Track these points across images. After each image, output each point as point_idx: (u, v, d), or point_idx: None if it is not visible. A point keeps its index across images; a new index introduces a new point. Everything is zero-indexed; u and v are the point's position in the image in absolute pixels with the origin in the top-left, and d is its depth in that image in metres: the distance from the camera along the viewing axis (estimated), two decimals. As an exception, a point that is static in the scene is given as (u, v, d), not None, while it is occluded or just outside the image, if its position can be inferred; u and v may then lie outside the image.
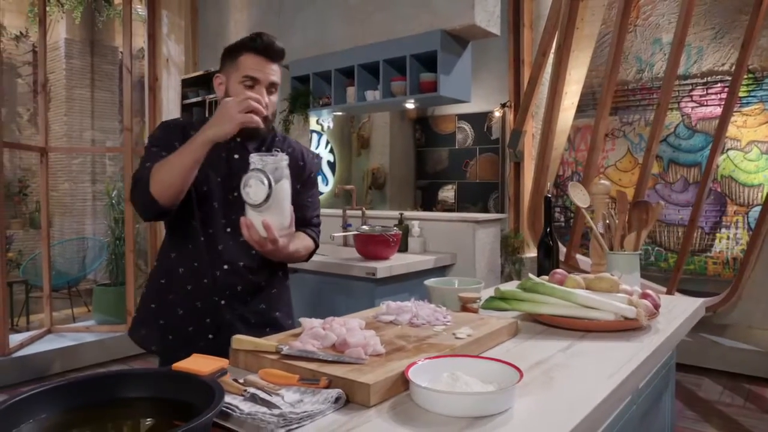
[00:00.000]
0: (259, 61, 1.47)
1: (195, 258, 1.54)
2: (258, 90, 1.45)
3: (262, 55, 1.47)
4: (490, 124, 5.38)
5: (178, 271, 1.55)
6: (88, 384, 0.83)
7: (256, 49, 1.47)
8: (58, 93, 5.54)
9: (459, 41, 2.98)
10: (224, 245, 1.53)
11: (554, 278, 1.53)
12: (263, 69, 1.46)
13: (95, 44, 5.52)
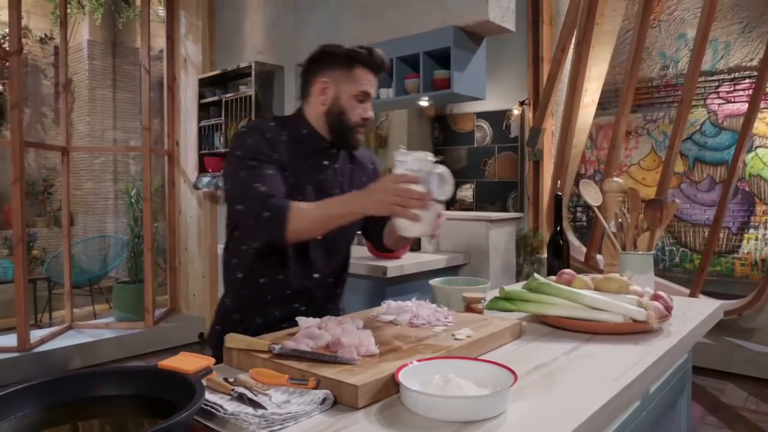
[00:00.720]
0: (372, 77, 1.50)
1: (281, 268, 1.51)
2: (367, 104, 1.49)
3: (375, 71, 1.50)
4: (508, 123, 5.31)
5: (259, 281, 1.52)
6: (68, 382, 0.82)
7: (372, 65, 1.48)
8: (81, 93, 5.63)
9: (473, 37, 2.93)
10: (315, 254, 1.54)
11: (562, 278, 1.48)
12: (374, 84, 1.51)
13: (117, 45, 5.60)
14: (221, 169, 4.07)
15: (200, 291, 4.65)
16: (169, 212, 4.82)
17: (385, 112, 5.87)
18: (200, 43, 4.40)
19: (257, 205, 1.35)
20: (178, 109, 4.65)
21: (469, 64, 2.91)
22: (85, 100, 5.60)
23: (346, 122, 1.49)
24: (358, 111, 1.49)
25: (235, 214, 1.44)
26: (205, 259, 4.52)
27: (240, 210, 1.40)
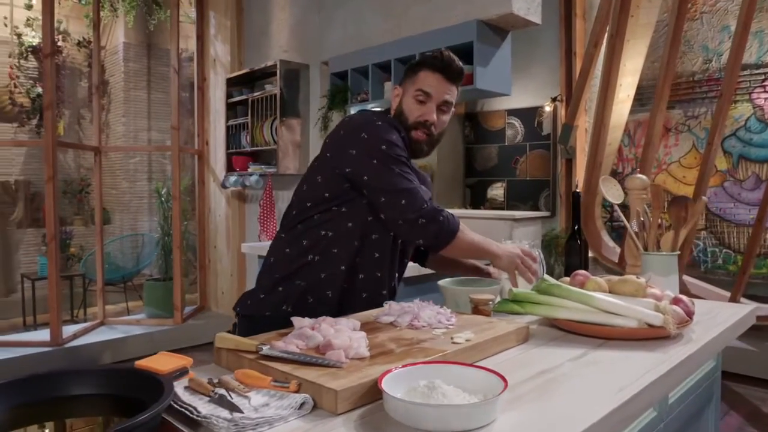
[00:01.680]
0: (436, 78, 1.47)
1: (379, 267, 1.52)
2: (428, 106, 1.47)
3: (441, 72, 1.47)
4: (540, 120, 5.18)
5: (359, 276, 1.50)
6: (39, 381, 0.80)
7: (434, 66, 1.47)
8: (117, 95, 5.77)
9: (497, 31, 2.85)
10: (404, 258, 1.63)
11: (575, 280, 1.41)
12: (438, 86, 1.47)
13: (151, 47, 5.71)
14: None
15: (228, 289, 4.69)
16: (198, 211, 4.88)
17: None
18: (229, 43, 4.43)
19: (418, 206, 1.39)
20: (208, 109, 4.71)
21: (493, 58, 2.84)
22: (121, 102, 5.73)
23: (405, 122, 1.49)
24: (415, 111, 1.48)
25: (382, 205, 1.42)
26: (233, 257, 4.55)
27: (392, 203, 1.40)
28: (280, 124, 3.71)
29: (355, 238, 1.47)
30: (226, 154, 4.31)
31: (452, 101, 1.52)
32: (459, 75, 1.52)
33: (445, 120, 1.54)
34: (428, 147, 1.54)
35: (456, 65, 1.50)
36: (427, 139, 1.51)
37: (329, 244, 1.47)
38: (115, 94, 5.78)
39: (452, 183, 5.82)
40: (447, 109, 1.52)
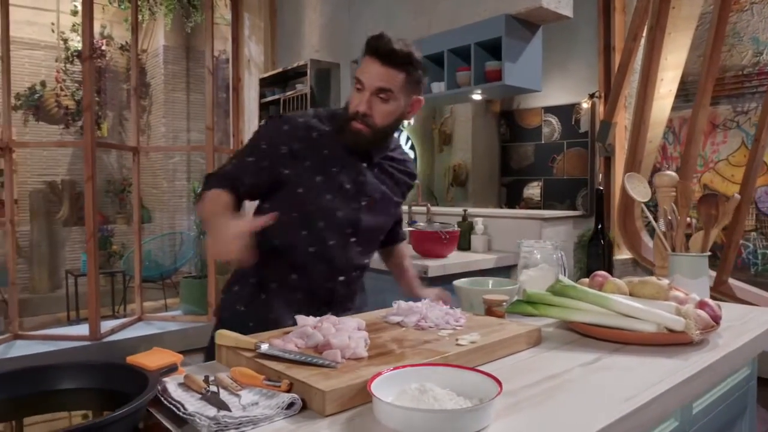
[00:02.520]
0: (371, 63, 1.35)
1: (295, 269, 1.49)
2: (362, 95, 1.36)
3: (375, 56, 1.34)
4: (578, 117, 5.03)
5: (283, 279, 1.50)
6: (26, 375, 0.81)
7: (369, 50, 1.35)
8: (158, 97, 5.92)
9: (527, 26, 2.77)
10: (348, 255, 1.54)
11: (594, 281, 1.35)
12: (372, 72, 1.34)
13: (190, 50, 5.83)
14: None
15: (262, 287, 4.73)
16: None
17: (450, 109, 5.75)
18: (262, 44, 4.48)
19: (213, 174, 1.45)
20: (243, 109, 4.77)
21: (522, 54, 2.76)
22: (161, 103, 5.88)
23: (345, 113, 1.41)
24: (353, 101, 1.39)
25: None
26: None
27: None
28: (311, 123, 3.71)
29: (282, 231, 1.43)
30: (260, 154, 4.35)
31: (391, 88, 1.35)
32: (397, 58, 1.33)
33: (387, 109, 1.37)
34: (374, 137, 1.40)
35: (391, 47, 1.32)
36: (369, 130, 1.38)
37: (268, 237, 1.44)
38: (156, 95, 5.93)
39: (488, 182, 5.73)
40: (388, 97, 1.36)
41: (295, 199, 1.42)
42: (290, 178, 1.41)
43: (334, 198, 1.43)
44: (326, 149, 1.43)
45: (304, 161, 1.41)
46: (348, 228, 1.47)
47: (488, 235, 2.86)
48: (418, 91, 1.44)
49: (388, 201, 1.55)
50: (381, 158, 1.52)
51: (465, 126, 5.62)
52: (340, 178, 1.43)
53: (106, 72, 5.62)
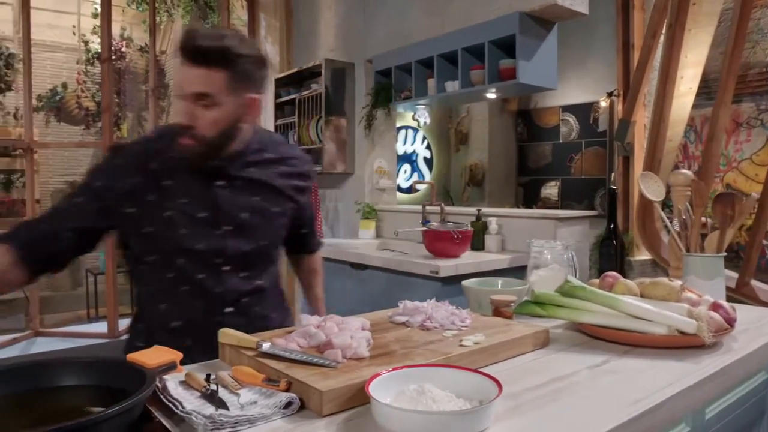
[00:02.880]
0: (183, 66, 1.16)
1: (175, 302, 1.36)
2: (181, 105, 1.18)
3: (184, 58, 1.15)
4: (596, 116, 4.97)
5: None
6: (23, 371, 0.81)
7: (180, 52, 1.16)
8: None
9: (541, 23, 2.74)
10: (227, 284, 1.38)
11: (605, 282, 1.32)
12: (184, 76, 1.16)
13: (209, 50, 5.87)
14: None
15: (278, 286, 4.75)
16: (250, 209, 4.98)
17: (466, 108, 5.72)
18: (278, 44, 4.50)
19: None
20: (259, 109, 4.80)
21: (537, 52, 2.73)
22: (180, 104, 5.93)
23: (174, 129, 1.24)
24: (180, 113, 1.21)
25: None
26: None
27: None
28: (326, 123, 3.72)
29: (149, 276, 1.34)
30: (275, 154, 4.36)
31: (209, 92, 1.16)
32: (209, 56, 1.14)
33: (211, 117, 1.18)
34: (207, 151, 1.23)
35: (196, 45, 1.14)
36: (197, 144, 1.20)
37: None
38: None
39: (505, 182, 5.69)
40: (209, 103, 1.17)
41: (148, 239, 1.27)
42: (136, 217, 1.26)
43: (190, 231, 1.26)
44: (169, 179, 1.26)
45: (145, 196, 1.25)
46: (216, 258, 1.30)
47: (502, 235, 2.83)
48: (254, 89, 1.24)
49: (265, 215, 1.36)
50: (244, 168, 1.32)
51: (481, 125, 5.59)
52: (190, 208, 1.27)
53: (126, 73, 5.69)
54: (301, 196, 1.47)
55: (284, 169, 1.41)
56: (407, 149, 5.52)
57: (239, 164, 1.31)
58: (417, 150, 5.61)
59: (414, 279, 2.51)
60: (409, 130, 5.50)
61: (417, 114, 4.74)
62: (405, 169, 5.51)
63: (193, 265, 1.28)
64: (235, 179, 1.31)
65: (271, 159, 1.39)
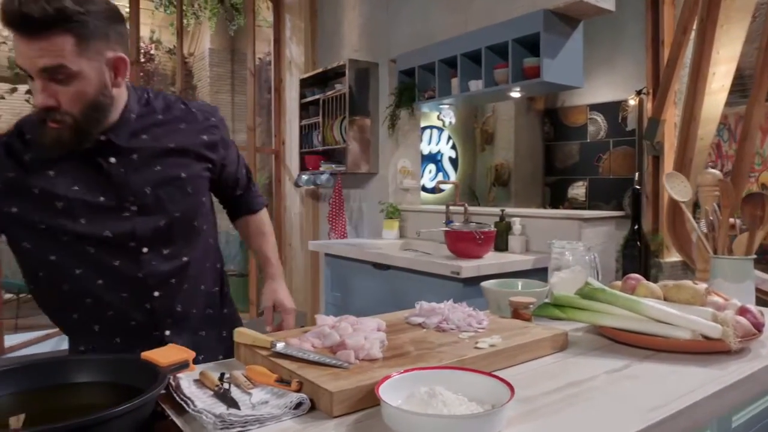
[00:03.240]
0: (17, 42, 0.99)
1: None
2: (34, 86, 1.03)
3: (17, 31, 0.98)
4: (625, 114, 4.87)
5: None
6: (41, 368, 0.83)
7: (10, 25, 0.98)
8: (203, 99, 6.07)
9: (566, 21, 2.70)
10: (148, 268, 1.25)
11: (627, 284, 1.29)
12: (23, 53, 1.00)
13: (235, 52, 5.95)
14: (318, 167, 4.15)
15: (302, 286, 4.78)
16: (275, 209, 5.02)
17: (492, 108, 5.67)
18: (303, 45, 4.52)
19: None
20: (284, 110, 4.83)
21: (561, 50, 2.69)
22: (208, 105, 6.02)
23: (35, 117, 1.08)
24: (34, 97, 1.05)
25: None
26: (306, 255, 4.64)
27: None
28: (350, 123, 3.73)
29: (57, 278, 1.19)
30: (300, 153, 4.40)
31: (60, 63, 0.99)
32: (44, 22, 0.96)
33: (74, 90, 1.03)
34: (83, 128, 1.07)
35: (23, 12, 0.94)
36: (68, 124, 1.05)
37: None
38: (202, 97, 6.08)
39: (531, 182, 5.62)
40: (65, 75, 1.01)
41: (44, 236, 1.13)
42: (22, 215, 1.12)
43: (90, 219, 1.13)
44: (50, 169, 1.12)
45: (29, 190, 1.11)
46: (130, 242, 1.17)
47: (526, 235, 2.79)
48: (113, 46, 1.07)
49: (172, 185, 1.21)
50: (133, 137, 1.17)
51: (507, 125, 5.53)
52: (85, 194, 1.13)
53: (155, 75, 5.80)
54: (212, 153, 1.29)
55: (183, 127, 1.25)
56: (432, 149, 5.49)
57: (125, 134, 1.16)
58: (442, 150, 5.58)
59: (436, 279, 2.49)
60: (434, 130, 5.48)
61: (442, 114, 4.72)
62: (430, 169, 5.49)
63: (104, 252, 1.15)
64: (127, 152, 1.16)
65: (164, 120, 1.22)
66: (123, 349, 1.21)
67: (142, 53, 5.54)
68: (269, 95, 5.20)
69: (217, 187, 1.38)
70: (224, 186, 1.40)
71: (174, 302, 1.25)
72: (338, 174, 4.00)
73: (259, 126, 5.67)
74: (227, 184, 1.40)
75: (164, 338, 1.24)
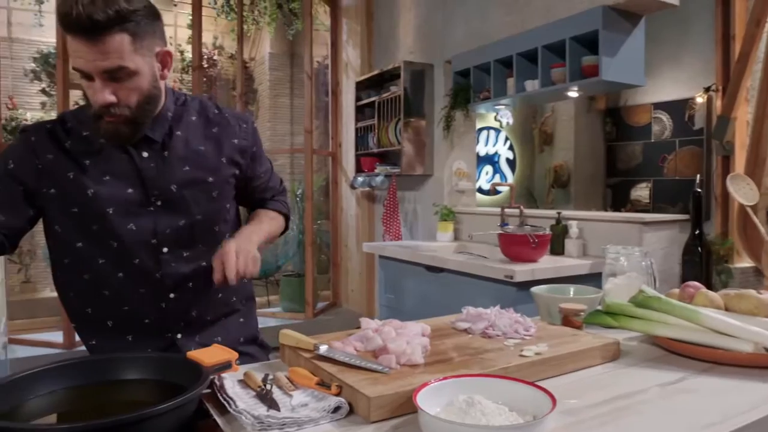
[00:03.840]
0: (76, 44, 1.03)
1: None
2: (93, 86, 1.08)
3: (76, 34, 1.02)
4: (692, 113, 4.65)
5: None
6: (93, 364, 0.87)
7: (68, 27, 1.02)
8: (264, 102, 6.22)
9: (627, 17, 2.59)
10: (167, 268, 1.27)
11: (685, 292, 1.23)
12: (84, 56, 1.04)
13: (294, 56, 6.07)
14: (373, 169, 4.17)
15: (357, 287, 4.82)
16: (332, 210, 5.09)
17: (551, 108, 5.54)
18: (359, 48, 4.56)
19: None
20: (341, 112, 4.89)
21: (622, 47, 2.59)
22: (267, 108, 6.16)
23: (90, 110, 1.13)
24: (90, 95, 1.10)
25: None
26: (362, 256, 4.67)
27: None
28: (404, 124, 3.73)
29: (81, 265, 1.23)
30: (355, 155, 4.44)
31: (120, 64, 1.05)
32: (107, 24, 1.01)
33: (132, 86, 1.09)
34: (139, 121, 1.14)
35: (89, 17, 0.99)
36: (126, 117, 1.11)
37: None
38: (263, 101, 6.23)
39: (592, 183, 5.45)
40: (124, 74, 1.07)
41: (74, 220, 1.18)
42: (58, 197, 1.17)
43: (117, 210, 1.17)
44: (87, 158, 1.17)
45: (65, 173, 1.17)
46: (151, 239, 1.20)
47: (583, 239, 2.71)
48: (159, 42, 1.14)
49: (201, 186, 1.24)
50: (169, 133, 1.22)
51: (567, 125, 5.39)
52: (115, 185, 1.17)
53: (218, 80, 5.99)
54: (242, 158, 1.32)
55: (216, 131, 1.28)
56: (489, 150, 5.42)
57: (161, 130, 1.21)
58: (499, 151, 5.50)
59: (489, 283, 2.45)
60: (491, 131, 5.40)
61: (499, 114, 4.65)
62: (486, 171, 5.42)
63: (127, 249, 1.18)
64: (160, 148, 1.21)
65: (197, 122, 1.27)
66: (134, 347, 1.24)
67: (205, 59, 5.74)
68: (327, 98, 5.28)
69: (245, 194, 1.39)
70: (252, 192, 1.41)
71: (189, 306, 1.27)
72: (393, 176, 4.00)
73: (317, 128, 5.76)
74: (256, 191, 1.41)
75: (175, 340, 1.27)
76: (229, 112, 1.34)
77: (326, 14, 4.99)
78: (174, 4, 5.68)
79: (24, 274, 5.04)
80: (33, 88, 5.12)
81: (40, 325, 4.12)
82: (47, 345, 3.69)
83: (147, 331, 1.24)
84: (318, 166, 5.82)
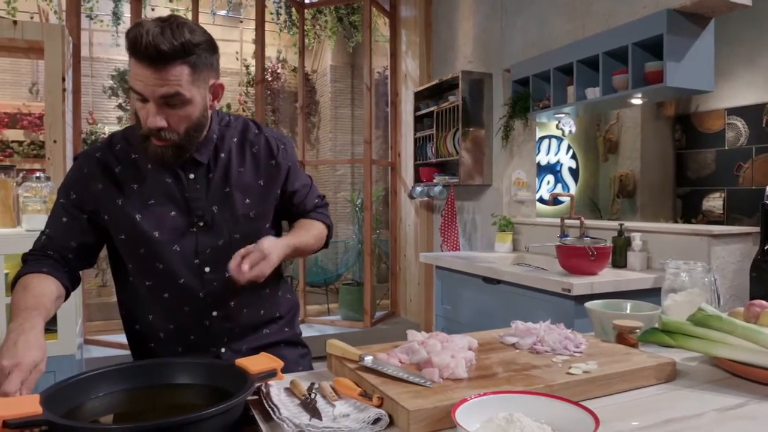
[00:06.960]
0: (140, 69, 1.09)
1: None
2: (146, 108, 1.12)
3: (140, 60, 1.08)
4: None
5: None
6: (146, 369, 0.92)
7: (134, 52, 1.08)
8: (325, 113, 6.34)
9: (694, 19, 2.48)
10: (207, 289, 1.32)
11: (750, 311, 1.16)
12: (145, 80, 1.09)
13: (355, 67, 6.16)
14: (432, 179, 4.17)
15: (416, 297, 4.82)
16: (391, 220, 5.12)
17: (616, 115, 5.37)
18: (418, 58, 4.59)
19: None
20: (400, 122, 4.92)
21: (688, 51, 2.48)
22: (329, 119, 6.28)
23: (140, 130, 1.17)
24: (142, 116, 1.15)
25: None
26: (420, 266, 4.67)
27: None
28: (463, 134, 3.71)
29: (132, 286, 1.31)
30: (414, 165, 4.45)
31: (177, 91, 1.10)
32: (171, 55, 1.07)
33: (183, 114, 1.14)
34: (184, 145, 1.18)
35: (157, 47, 1.05)
36: (172, 142, 1.16)
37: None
38: (324, 112, 6.36)
39: (660, 193, 5.23)
40: (178, 101, 1.12)
41: (123, 245, 1.25)
42: (110, 224, 1.24)
43: (163, 233, 1.22)
44: (134, 182, 1.23)
45: (115, 200, 1.23)
46: (194, 259, 1.25)
47: (647, 251, 2.60)
48: (214, 74, 1.20)
49: (236, 208, 1.28)
50: (212, 156, 1.27)
51: (633, 132, 5.20)
52: (160, 208, 1.23)
53: (281, 93, 6.16)
54: (279, 178, 1.36)
55: (255, 151, 1.33)
56: (551, 159, 5.31)
57: (207, 152, 1.26)
58: (561, 160, 5.37)
59: (546, 296, 2.40)
60: (552, 140, 5.29)
61: (561, 123, 4.55)
62: (548, 180, 5.30)
63: (172, 269, 1.23)
64: (205, 170, 1.26)
65: (239, 142, 1.32)
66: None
67: (269, 72, 5.91)
68: (387, 108, 5.33)
69: (287, 210, 1.42)
70: (293, 208, 1.42)
71: (232, 324, 1.31)
72: (451, 186, 3.99)
73: (377, 138, 5.82)
74: (296, 207, 1.42)
75: (220, 355, 1.32)
76: (269, 132, 1.38)
77: (386, 26, 5.05)
78: (240, 21, 5.90)
79: (101, 279, 5.34)
80: (111, 103, 5.43)
81: (114, 327, 4.34)
82: (120, 346, 3.89)
83: (193, 346, 1.29)
84: (378, 176, 5.88)
